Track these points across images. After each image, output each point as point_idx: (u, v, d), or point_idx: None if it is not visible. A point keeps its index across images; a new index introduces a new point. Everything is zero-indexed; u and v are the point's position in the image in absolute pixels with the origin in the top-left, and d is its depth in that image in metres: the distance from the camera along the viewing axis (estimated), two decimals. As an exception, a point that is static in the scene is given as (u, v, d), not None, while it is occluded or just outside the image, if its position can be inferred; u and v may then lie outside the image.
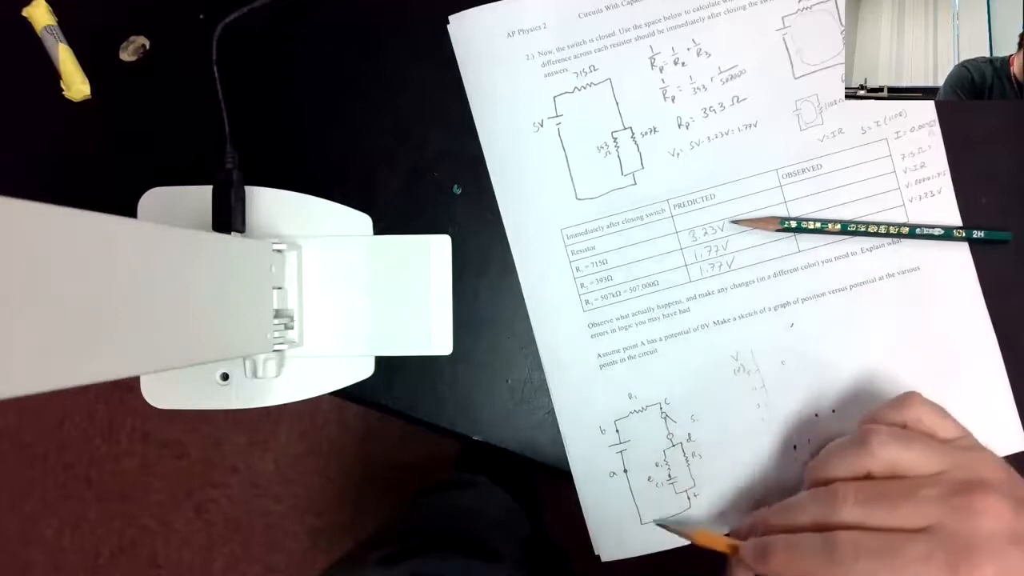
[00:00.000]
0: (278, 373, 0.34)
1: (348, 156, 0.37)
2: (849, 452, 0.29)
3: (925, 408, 0.30)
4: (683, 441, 0.36)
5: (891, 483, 0.28)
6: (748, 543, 0.30)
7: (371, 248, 0.36)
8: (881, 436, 0.29)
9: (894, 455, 0.28)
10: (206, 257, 0.27)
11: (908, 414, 0.30)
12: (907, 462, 0.28)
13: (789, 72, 0.36)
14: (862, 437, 0.29)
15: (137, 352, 0.22)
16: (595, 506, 0.36)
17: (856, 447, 0.29)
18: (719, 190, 0.36)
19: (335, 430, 1.00)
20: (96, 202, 0.24)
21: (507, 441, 0.37)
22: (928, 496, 0.27)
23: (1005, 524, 0.26)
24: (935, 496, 0.27)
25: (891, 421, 0.30)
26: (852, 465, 0.29)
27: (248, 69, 0.37)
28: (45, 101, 0.37)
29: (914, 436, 0.29)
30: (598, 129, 0.36)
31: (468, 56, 0.37)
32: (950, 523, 0.26)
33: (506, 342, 0.37)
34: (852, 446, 0.29)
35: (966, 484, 0.27)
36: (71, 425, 1.02)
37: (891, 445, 0.28)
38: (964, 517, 0.26)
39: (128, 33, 0.37)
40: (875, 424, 0.30)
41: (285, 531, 1.00)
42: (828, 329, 0.36)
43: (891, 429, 0.29)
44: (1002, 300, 0.36)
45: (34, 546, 1.02)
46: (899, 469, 0.28)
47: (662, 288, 0.36)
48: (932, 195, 0.36)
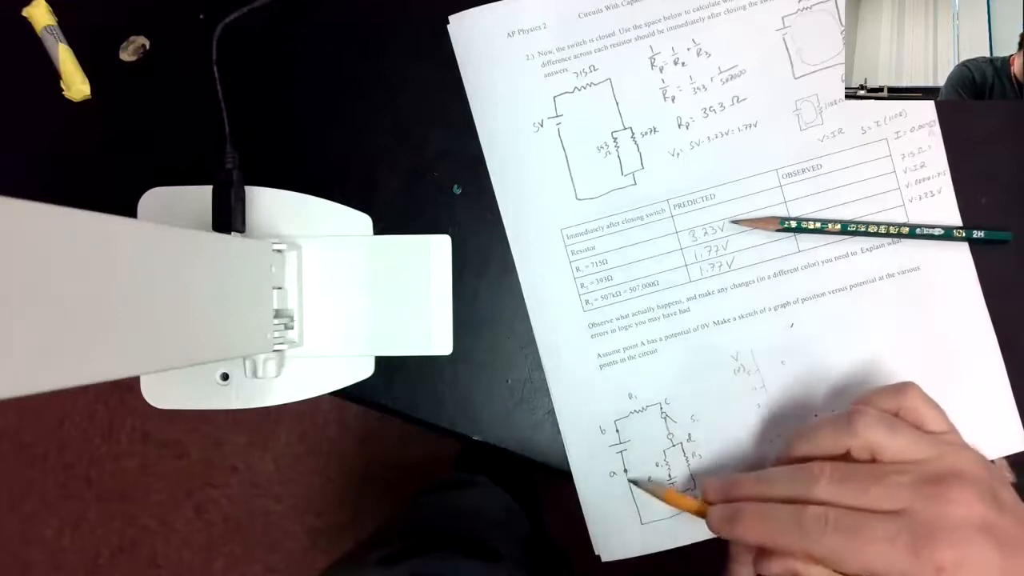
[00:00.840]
0: (278, 373, 0.34)
1: (348, 156, 0.37)
2: (832, 428, 0.30)
3: (919, 399, 0.30)
4: (683, 441, 0.36)
5: (867, 465, 0.29)
6: (717, 507, 0.31)
7: (371, 248, 0.36)
8: (868, 418, 0.29)
9: (878, 438, 0.29)
10: (206, 257, 0.27)
11: (904, 402, 0.30)
12: (889, 447, 0.28)
13: (789, 72, 0.36)
14: (849, 416, 0.29)
15: (137, 352, 0.22)
16: (595, 506, 0.36)
17: (841, 425, 0.30)
18: (719, 190, 0.36)
19: (335, 430, 1.00)
20: (96, 202, 0.24)
21: (507, 441, 0.37)
22: (901, 482, 0.27)
23: (975, 513, 0.26)
24: (908, 482, 0.27)
25: (884, 406, 0.30)
26: (833, 441, 0.30)
27: (248, 69, 0.37)
28: (45, 101, 0.37)
29: (901, 424, 0.29)
30: (598, 129, 0.36)
31: (468, 56, 0.37)
32: (920, 509, 0.26)
33: (506, 342, 0.37)
34: (837, 423, 0.30)
35: (942, 474, 0.27)
36: (71, 425, 1.02)
37: (876, 428, 0.29)
38: (934, 504, 0.26)
39: (128, 33, 0.37)
40: (866, 406, 0.30)
41: (285, 531, 1.00)
42: (828, 329, 0.36)
43: (879, 413, 0.30)
44: (1002, 300, 0.36)
45: (34, 546, 1.02)
46: (880, 453, 0.29)
47: (662, 288, 0.36)
48: (932, 195, 0.36)
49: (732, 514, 0.30)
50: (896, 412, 0.30)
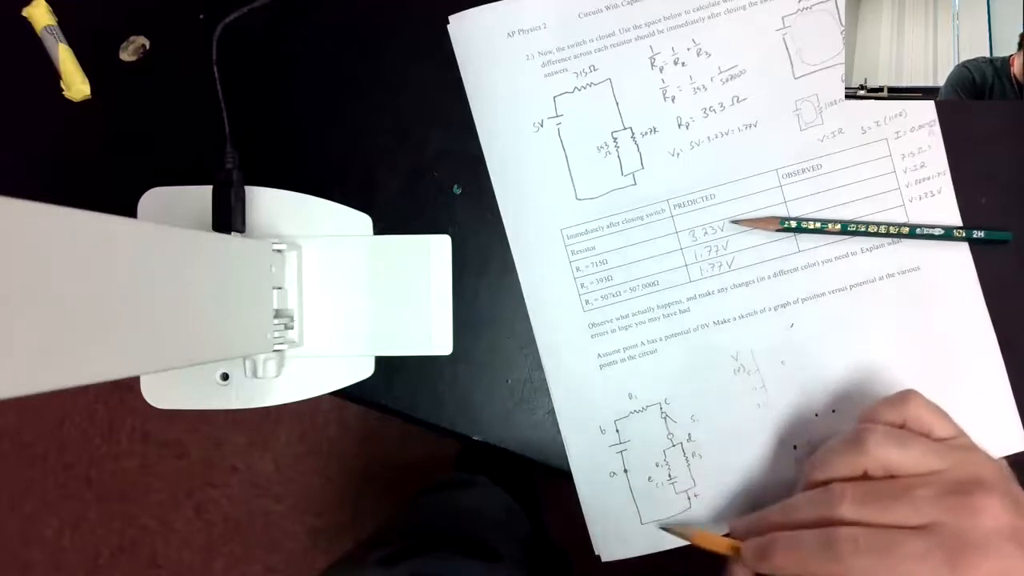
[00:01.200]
0: (278, 373, 0.34)
1: (348, 156, 0.37)
2: (845, 452, 0.29)
3: (923, 407, 0.30)
4: (683, 441, 0.36)
5: (888, 482, 0.28)
6: (749, 543, 0.30)
7: (371, 248, 0.36)
8: (877, 436, 0.29)
9: (890, 455, 0.28)
10: (206, 257, 0.27)
11: (907, 412, 0.30)
12: (903, 463, 0.28)
13: (789, 72, 0.36)
14: (857, 436, 0.29)
15: (137, 352, 0.22)
16: (595, 506, 0.36)
17: (852, 447, 0.29)
18: (719, 190, 0.36)
19: (335, 430, 1.00)
20: (96, 202, 0.24)
21: (507, 441, 0.37)
22: (925, 495, 0.27)
23: (1004, 523, 0.26)
24: (932, 495, 0.27)
25: (888, 419, 0.30)
26: (848, 465, 0.29)
27: (248, 69, 0.37)
28: (45, 101, 0.37)
29: (910, 436, 0.29)
30: (598, 129, 0.36)
31: (468, 56, 0.37)
32: (949, 521, 0.26)
33: (506, 342, 0.37)
34: (848, 446, 0.29)
35: (964, 483, 0.27)
36: (71, 425, 1.02)
37: (886, 445, 0.28)
38: (963, 516, 0.26)
39: (128, 33, 0.37)
40: (871, 424, 0.30)
41: (285, 531, 1.00)
42: (828, 329, 0.36)
43: (887, 429, 0.29)
44: (1002, 300, 0.36)
45: (34, 546, 1.02)
46: (895, 469, 0.28)
47: (662, 288, 0.36)
48: (932, 195, 0.36)
49: (764, 546, 0.29)
50: (902, 424, 0.30)
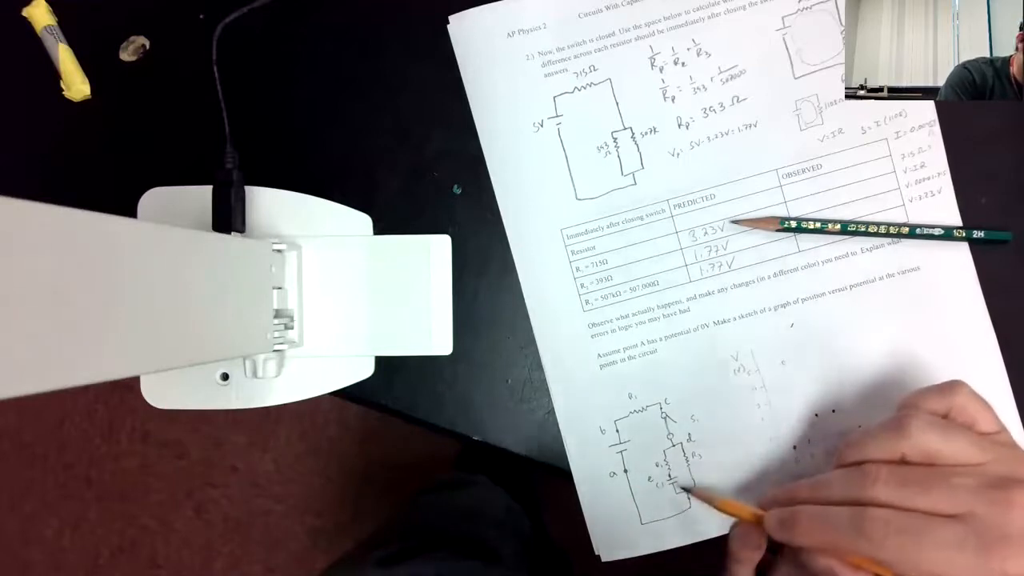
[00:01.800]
0: (278, 373, 0.34)
1: (348, 156, 0.37)
2: (884, 435, 0.29)
3: (970, 398, 0.30)
4: (683, 441, 0.36)
5: (925, 468, 0.28)
6: (773, 512, 0.30)
7: (371, 248, 0.36)
8: (920, 422, 0.28)
9: (931, 442, 0.28)
10: (206, 257, 0.27)
11: (954, 401, 0.29)
12: (944, 451, 0.28)
13: (789, 72, 0.36)
14: (899, 421, 0.29)
15: (137, 352, 0.22)
16: (595, 506, 0.36)
17: (892, 430, 0.29)
18: (719, 190, 0.36)
19: (335, 430, 1.00)
20: (96, 202, 0.24)
21: (507, 441, 0.37)
22: (963, 484, 0.27)
23: None
24: (971, 486, 0.26)
25: (933, 408, 0.30)
26: (887, 448, 0.29)
27: (248, 69, 0.37)
28: (45, 101, 0.37)
29: (954, 427, 0.29)
30: (598, 129, 0.36)
31: (468, 56, 0.37)
32: (984, 514, 0.26)
33: (506, 342, 0.37)
34: (888, 429, 0.29)
35: (1003, 479, 0.27)
36: (71, 425, 1.02)
37: (929, 433, 0.28)
38: (999, 510, 0.26)
39: (128, 33, 0.37)
40: (914, 409, 0.29)
41: (285, 531, 1.00)
42: (828, 329, 0.36)
43: (931, 417, 0.29)
44: (1002, 300, 0.36)
45: (34, 546, 1.02)
46: (934, 457, 0.28)
47: (662, 288, 0.36)
48: (932, 195, 0.36)
49: (789, 517, 0.29)
50: (946, 412, 0.29)
